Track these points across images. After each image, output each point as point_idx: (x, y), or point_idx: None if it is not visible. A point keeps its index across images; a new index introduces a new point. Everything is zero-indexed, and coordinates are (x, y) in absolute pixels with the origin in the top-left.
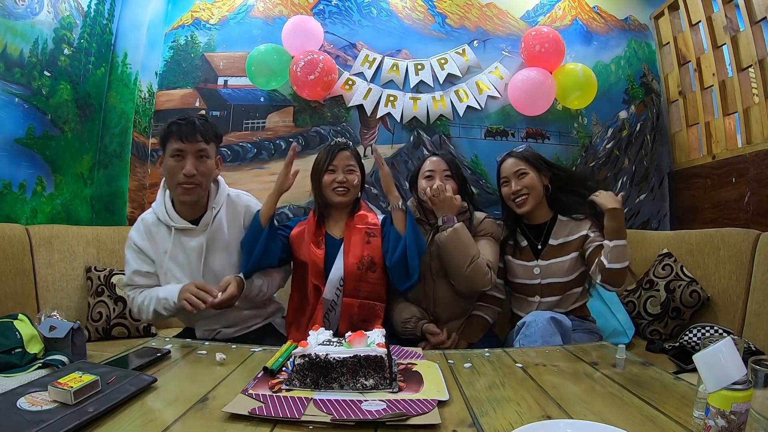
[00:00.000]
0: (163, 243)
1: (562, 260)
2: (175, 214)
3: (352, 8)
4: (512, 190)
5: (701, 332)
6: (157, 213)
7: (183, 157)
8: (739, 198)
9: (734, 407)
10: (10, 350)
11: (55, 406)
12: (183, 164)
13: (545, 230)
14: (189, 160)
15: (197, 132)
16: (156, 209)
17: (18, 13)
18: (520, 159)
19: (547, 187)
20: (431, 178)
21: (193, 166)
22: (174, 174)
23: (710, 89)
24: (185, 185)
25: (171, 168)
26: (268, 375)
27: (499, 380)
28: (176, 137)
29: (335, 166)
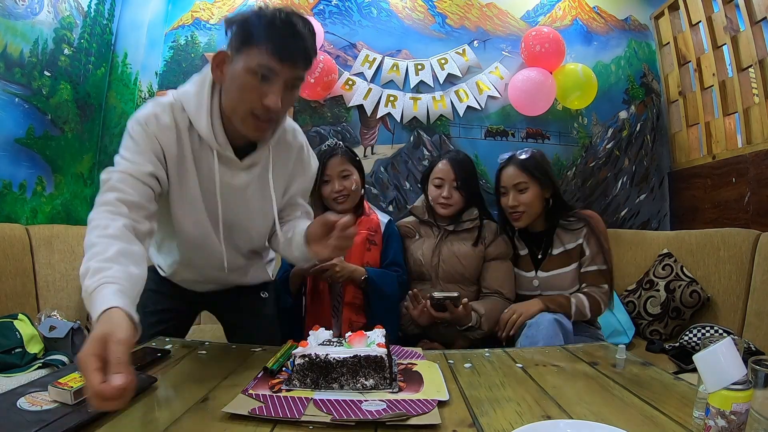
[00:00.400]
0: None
1: (564, 272)
2: (224, 138)
3: (352, 8)
4: (509, 203)
5: (701, 332)
6: (197, 122)
7: (271, 82)
8: (739, 198)
9: (734, 407)
10: (10, 350)
11: (55, 406)
12: (268, 90)
13: (545, 240)
14: (277, 89)
15: (302, 56)
16: (194, 115)
17: (18, 13)
18: (522, 170)
19: (548, 200)
20: (440, 187)
21: (279, 98)
22: (249, 97)
23: (710, 89)
24: (261, 120)
25: (247, 85)
26: (268, 375)
27: (499, 380)
28: (272, 51)
29: (329, 176)
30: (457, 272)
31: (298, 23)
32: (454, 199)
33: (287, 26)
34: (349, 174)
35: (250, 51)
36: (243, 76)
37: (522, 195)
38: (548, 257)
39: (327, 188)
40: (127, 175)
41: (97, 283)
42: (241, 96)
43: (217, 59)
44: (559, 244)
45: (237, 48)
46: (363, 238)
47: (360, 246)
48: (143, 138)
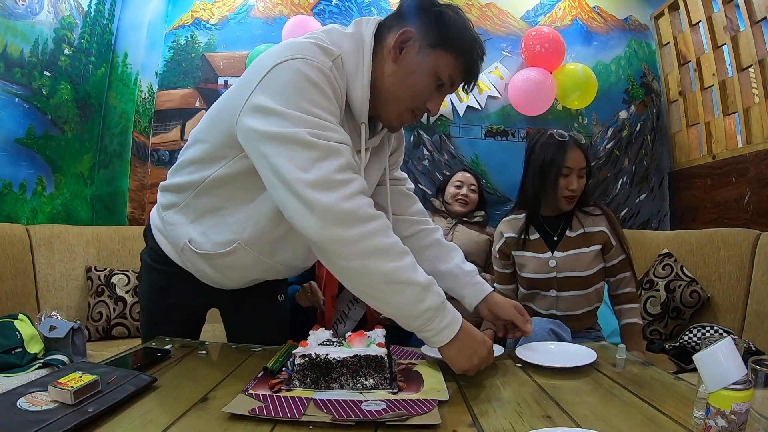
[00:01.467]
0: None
1: (582, 252)
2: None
3: (352, 8)
4: (573, 186)
5: (701, 332)
6: (352, 89)
7: (443, 92)
8: (739, 198)
9: (734, 407)
10: (10, 350)
11: (55, 406)
12: (437, 97)
13: (562, 222)
14: (442, 99)
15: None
16: (352, 80)
17: (18, 13)
18: (585, 157)
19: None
20: (460, 187)
21: (440, 105)
22: (420, 96)
23: (710, 89)
24: (413, 118)
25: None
26: (268, 375)
27: (499, 380)
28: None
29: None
30: (467, 249)
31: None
32: (471, 198)
33: (483, 50)
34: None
35: (446, 56)
36: (425, 75)
37: (581, 180)
38: (564, 239)
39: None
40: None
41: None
42: (412, 91)
43: (404, 37)
44: (578, 226)
45: (430, 42)
46: None
47: None
48: (333, 92)
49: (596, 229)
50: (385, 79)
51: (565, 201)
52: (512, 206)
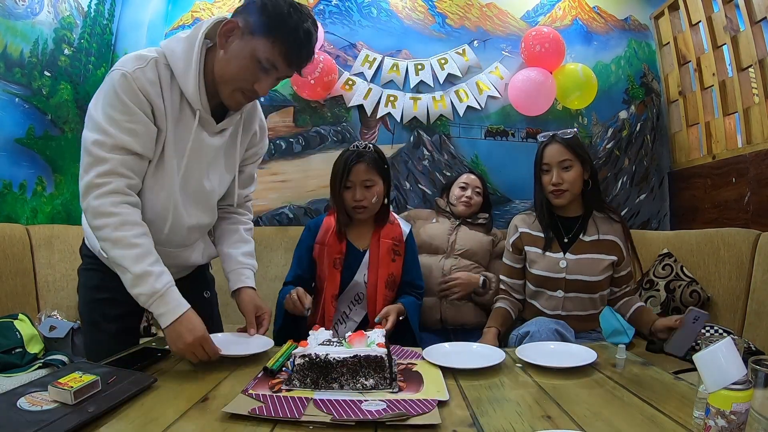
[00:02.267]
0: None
1: (594, 258)
2: (206, 101)
3: (352, 8)
4: (553, 180)
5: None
6: (184, 82)
7: (268, 73)
8: (739, 198)
9: (734, 407)
10: (10, 350)
11: (55, 406)
12: (263, 79)
13: (578, 224)
14: (271, 81)
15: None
16: (182, 74)
17: (18, 13)
18: (567, 148)
19: (587, 182)
20: (464, 189)
21: (269, 87)
22: (245, 78)
23: (710, 89)
24: (245, 98)
25: (247, 68)
26: (268, 375)
27: (499, 380)
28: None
29: (352, 182)
30: (472, 248)
31: (313, 34)
32: (475, 200)
33: (306, 36)
34: (372, 184)
35: (262, 40)
36: (246, 59)
37: (566, 173)
38: (578, 241)
39: (348, 195)
40: (127, 153)
41: (166, 285)
42: (237, 74)
43: (227, 27)
44: (593, 231)
45: (251, 29)
46: (388, 248)
47: (386, 257)
48: (132, 94)
49: (610, 237)
50: (215, 66)
51: (552, 196)
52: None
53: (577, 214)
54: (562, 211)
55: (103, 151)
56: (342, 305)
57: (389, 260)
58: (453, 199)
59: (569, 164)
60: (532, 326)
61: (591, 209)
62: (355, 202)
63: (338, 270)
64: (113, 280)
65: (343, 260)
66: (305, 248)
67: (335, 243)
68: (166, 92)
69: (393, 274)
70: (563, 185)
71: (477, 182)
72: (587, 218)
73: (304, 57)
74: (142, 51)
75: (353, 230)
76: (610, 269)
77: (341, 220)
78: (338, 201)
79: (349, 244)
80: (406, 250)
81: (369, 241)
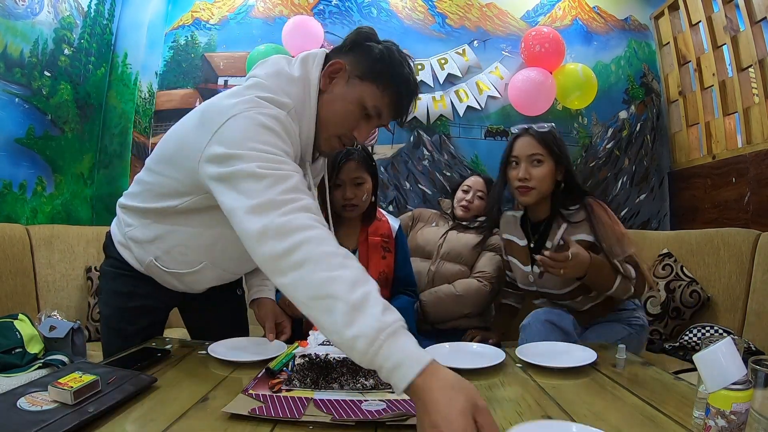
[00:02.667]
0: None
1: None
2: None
3: (352, 8)
4: (519, 175)
5: (701, 332)
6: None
7: (370, 122)
8: (739, 198)
9: (734, 407)
10: (10, 350)
11: (55, 406)
12: (364, 126)
13: (541, 229)
14: (370, 128)
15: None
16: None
17: (18, 13)
18: (539, 142)
19: (559, 183)
20: (467, 192)
21: (368, 134)
22: (348, 125)
23: (710, 89)
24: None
25: (352, 115)
26: (268, 375)
27: (499, 380)
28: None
29: (341, 180)
30: (455, 251)
31: (418, 87)
32: (475, 204)
33: (415, 88)
34: (362, 182)
35: (372, 87)
36: (352, 105)
37: (535, 168)
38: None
39: (337, 193)
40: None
41: (397, 324)
42: (341, 120)
43: (332, 70)
44: (555, 236)
45: (360, 74)
46: (377, 245)
47: (376, 254)
48: (286, 137)
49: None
50: (319, 111)
51: (518, 193)
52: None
53: (543, 218)
54: (531, 214)
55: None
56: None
57: (379, 257)
58: (455, 202)
59: (540, 159)
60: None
61: (556, 211)
62: (345, 200)
63: None
64: (146, 287)
65: None
66: None
67: None
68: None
69: (385, 272)
70: (530, 182)
71: (481, 185)
72: (551, 222)
73: (408, 108)
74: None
75: (341, 230)
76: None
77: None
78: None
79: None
80: (397, 246)
81: (357, 240)
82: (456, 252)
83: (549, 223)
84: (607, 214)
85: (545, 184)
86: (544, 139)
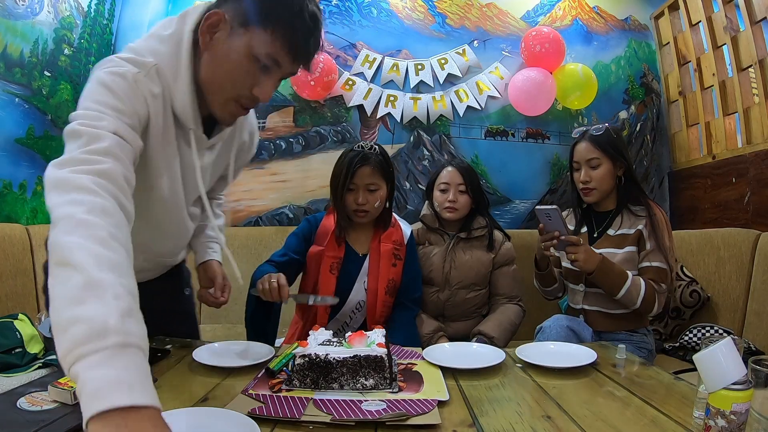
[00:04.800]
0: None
1: (614, 252)
2: (198, 116)
3: (352, 8)
4: (581, 178)
5: (701, 332)
6: (175, 95)
7: (271, 73)
8: (739, 198)
9: (734, 407)
10: (10, 350)
11: (55, 406)
12: (264, 81)
13: (608, 219)
14: (274, 82)
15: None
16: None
17: (18, 13)
18: (595, 146)
19: (620, 178)
20: (446, 192)
21: (272, 91)
22: (241, 83)
23: (710, 89)
24: (243, 108)
25: (242, 70)
26: (268, 375)
27: (499, 380)
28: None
29: (355, 185)
30: (469, 279)
31: (320, 17)
32: (460, 202)
33: (313, 20)
34: (376, 188)
35: (259, 32)
36: (241, 59)
37: (594, 171)
38: (603, 236)
39: (350, 197)
40: (120, 139)
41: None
42: (231, 79)
43: (211, 22)
44: (619, 225)
45: (242, 21)
46: (389, 252)
47: (386, 262)
48: (129, 95)
49: (632, 230)
50: (203, 73)
51: (583, 194)
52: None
53: (610, 209)
54: (596, 206)
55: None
56: (343, 316)
57: (390, 265)
58: (437, 207)
59: (597, 162)
60: (548, 321)
61: (624, 204)
62: (357, 205)
63: (334, 275)
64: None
65: (341, 265)
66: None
67: (334, 246)
68: (168, 108)
69: (394, 280)
70: (591, 183)
71: (458, 178)
72: (618, 213)
73: (313, 47)
74: (128, 54)
75: (353, 234)
76: (632, 265)
77: (341, 224)
78: (339, 203)
79: (348, 248)
80: (407, 253)
81: (369, 245)
82: (470, 281)
83: (615, 215)
84: (665, 223)
85: (605, 184)
86: (599, 142)
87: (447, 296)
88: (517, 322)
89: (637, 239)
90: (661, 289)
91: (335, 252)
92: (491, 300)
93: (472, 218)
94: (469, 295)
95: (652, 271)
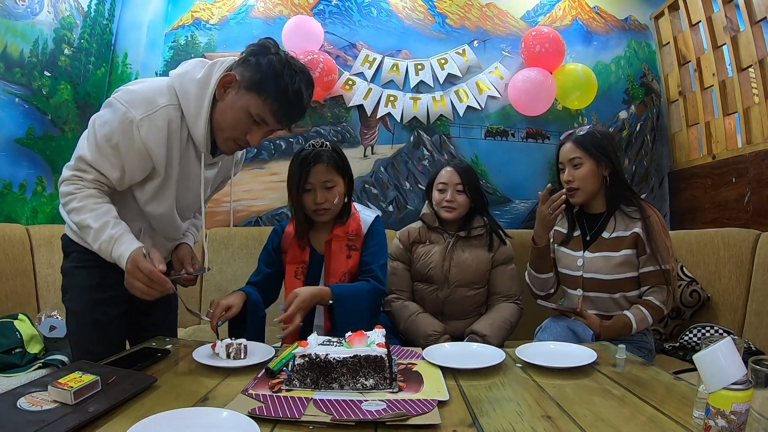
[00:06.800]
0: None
1: (611, 256)
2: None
3: (352, 8)
4: (564, 178)
5: (701, 332)
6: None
7: (260, 127)
8: (739, 198)
9: (734, 407)
10: (10, 350)
11: (55, 406)
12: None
13: (600, 222)
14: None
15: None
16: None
17: (18, 13)
18: (578, 146)
19: (605, 178)
20: (444, 191)
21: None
22: (239, 129)
23: (710, 89)
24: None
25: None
26: (268, 375)
27: (499, 380)
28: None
29: (311, 185)
30: (468, 277)
31: (303, 94)
32: (458, 202)
33: (296, 96)
34: (333, 185)
35: (256, 97)
36: (240, 112)
37: (576, 170)
38: (598, 239)
39: (308, 198)
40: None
41: (119, 231)
42: (232, 125)
43: (225, 81)
44: (613, 228)
45: (246, 85)
46: (342, 245)
47: (340, 256)
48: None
49: (628, 232)
50: (215, 115)
51: (569, 195)
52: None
53: (602, 211)
54: (587, 208)
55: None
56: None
57: (343, 258)
58: (435, 206)
59: (579, 162)
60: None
61: (615, 205)
62: (316, 205)
63: (300, 280)
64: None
65: (307, 269)
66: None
67: (297, 251)
68: (174, 135)
69: (351, 272)
70: (574, 183)
71: (456, 177)
72: (610, 215)
73: (294, 115)
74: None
75: (315, 234)
76: (630, 267)
77: (299, 228)
78: (297, 205)
79: (312, 251)
80: (367, 240)
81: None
82: (469, 279)
83: (608, 216)
84: (661, 223)
85: (589, 184)
86: (581, 143)
87: (446, 294)
88: (513, 320)
89: (635, 242)
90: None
91: (300, 256)
92: (489, 298)
93: (472, 218)
94: (468, 293)
95: (655, 275)
